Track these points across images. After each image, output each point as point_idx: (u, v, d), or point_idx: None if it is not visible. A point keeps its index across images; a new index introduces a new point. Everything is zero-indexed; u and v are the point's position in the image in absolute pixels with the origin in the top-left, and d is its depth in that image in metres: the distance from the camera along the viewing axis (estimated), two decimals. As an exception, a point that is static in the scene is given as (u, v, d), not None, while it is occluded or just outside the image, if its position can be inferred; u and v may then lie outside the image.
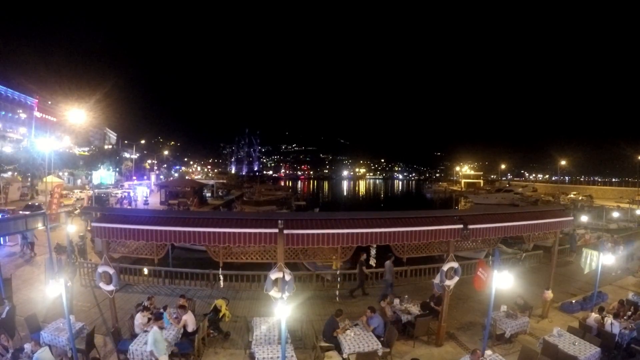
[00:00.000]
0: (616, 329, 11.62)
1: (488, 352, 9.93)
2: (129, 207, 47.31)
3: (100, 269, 11.02)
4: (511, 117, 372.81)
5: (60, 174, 65.80)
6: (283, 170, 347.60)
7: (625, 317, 12.50)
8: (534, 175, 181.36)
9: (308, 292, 15.47)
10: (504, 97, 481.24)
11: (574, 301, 15.71)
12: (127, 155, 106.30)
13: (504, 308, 12.85)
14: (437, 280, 12.26)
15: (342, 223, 10.89)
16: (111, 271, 10.95)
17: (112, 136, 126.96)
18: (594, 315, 12.53)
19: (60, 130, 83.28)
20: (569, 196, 72.41)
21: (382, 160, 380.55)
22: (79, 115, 65.74)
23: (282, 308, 8.26)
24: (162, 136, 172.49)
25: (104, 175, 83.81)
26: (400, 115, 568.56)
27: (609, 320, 11.95)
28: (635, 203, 48.48)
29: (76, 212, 33.45)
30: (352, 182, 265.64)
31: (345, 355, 10.31)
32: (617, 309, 12.98)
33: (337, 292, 16.07)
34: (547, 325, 13.50)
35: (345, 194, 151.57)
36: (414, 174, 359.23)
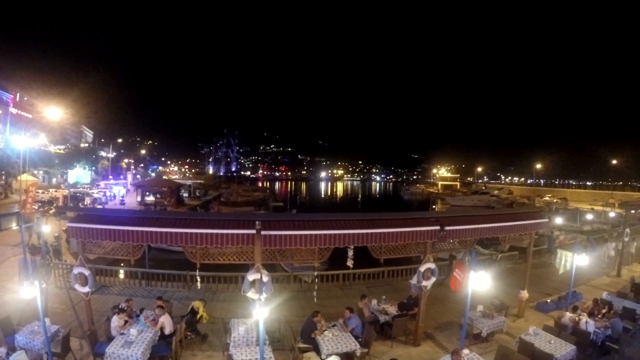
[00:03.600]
0: (591, 328, 11.90)
1: (465, 351, 10.05)
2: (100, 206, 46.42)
3: (76, 270, 10.80)
4: (488, 121, 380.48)
5: (35, 172, 64.32)
6: (261, 171, 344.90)
7: (599, 316, 12.80)
8: (510, 178, 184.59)
9: (286, 293, 15.42)
10: (482, 102, 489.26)
11: (549, 301, 16.05)
12: (103, 154, 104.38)
13: (480, 308, 13.06)
14: (414, 281, 12.36)
15: (319, 224, 10.90)
16: (87, 272, 10.74)
17: (89, 134, 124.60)
18: (568, 315, 12.79)
19: (36, 127, 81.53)
20: (544, 199, 74.02)
21: (360, 162, 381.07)
22: (55, 112, 64.47)
23: (260, 309, 8.23)
24: (140, 135, 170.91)
25: (80, 174, 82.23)
26: (379, 118, 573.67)
27: (583, 319, 12.23)
28: (609, 205, 49.63)
29: (51, 211, 32.75)
30: (329, 184, 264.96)
31: (323, 356, 10.29)
32: (592, 308, 13.31)
33: (315, 293, 16.08)
34: (523, 324, 13.75)
35: (322, 195, 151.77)
36: (391, 176, 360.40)
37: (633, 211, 23.18)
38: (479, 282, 10.01)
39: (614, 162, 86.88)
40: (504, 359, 10.36)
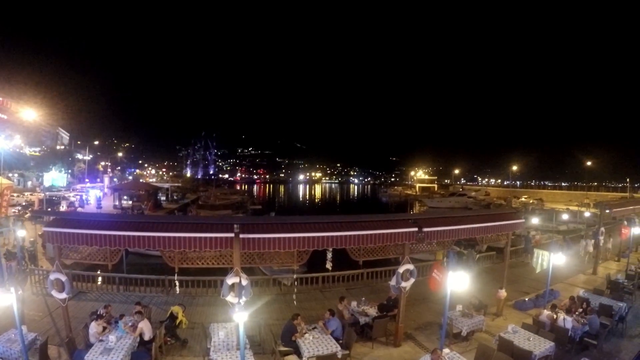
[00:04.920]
0: (569, 324, 12.18)
1: (446, 350, 10.20)
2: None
3: (52, 276, 10.58)
4: (465, 123, 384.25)
5: (10, 175, 62.78)
6: (239, 174, 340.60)
7: (577, 313, 13.08)
8: (486, 179, 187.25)
9: (265, 297, 15.37)
10: (458, 104, 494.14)
11: (527, 299, 16.34)
12: (80, 156, 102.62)
13: (459, 307, 13.23)
14: (393, 282, 12.45)
15: (298, 227, 10.92)
16: (64, 278, 10.53)
17: (65, 136, 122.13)
18: (546, 312, 13.07)
19: (11, 128, 79.64)
20: (521, 199, 75.32)
21: (338, 165, 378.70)
22: (31, 113, 63.18)
23: (240, 313, 8.20)
24: (117, 137, 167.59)
25: (55, 177, 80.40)
26: (357, 121, 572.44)
27: (561, 316, 12.52)
28: (584, 206, 50.70)
29: (27, 215, 32.06)
30: (308, 186, 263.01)
31: (304, 359, 10.32)
32: (569, 306, 13.60)
33: (295, 296, 16.07)
34: (502, 322, 13.97)
35: (301, 197, 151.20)
36: (369, 179, 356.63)
37: (607, 211, 23.64)
38: (458, 282, 10.15)
39: (589, 163, 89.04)
40: (484, 357, 10.53)
